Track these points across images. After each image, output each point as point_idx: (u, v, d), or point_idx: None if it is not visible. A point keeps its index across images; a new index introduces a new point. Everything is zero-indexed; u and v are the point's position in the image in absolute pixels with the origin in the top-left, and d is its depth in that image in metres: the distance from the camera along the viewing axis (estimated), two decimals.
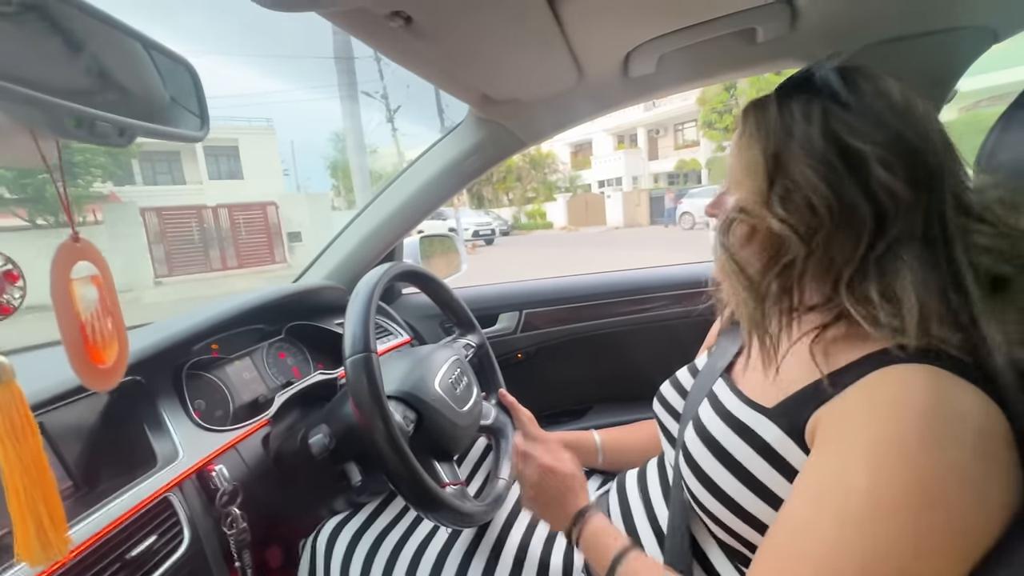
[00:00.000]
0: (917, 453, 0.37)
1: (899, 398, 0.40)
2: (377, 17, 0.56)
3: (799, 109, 0.48)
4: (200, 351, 0.82)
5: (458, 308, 0.98)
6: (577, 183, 25.90)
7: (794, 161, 0.47)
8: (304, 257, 2.39)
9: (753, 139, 0.51)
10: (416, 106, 17.60)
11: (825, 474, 0.42)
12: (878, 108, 0.47)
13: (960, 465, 0.37)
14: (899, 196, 0.44)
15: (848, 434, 0.41)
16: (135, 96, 0.49)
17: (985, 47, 0.80)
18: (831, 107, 0.47)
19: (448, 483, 0.70)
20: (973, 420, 0.38)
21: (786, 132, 0.48)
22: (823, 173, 0.46)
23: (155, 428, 0.66)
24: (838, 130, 0.46)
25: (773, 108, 0.51)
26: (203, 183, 18.98)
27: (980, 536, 0.37)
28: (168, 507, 0.60)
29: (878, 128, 0.46)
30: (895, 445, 0.38)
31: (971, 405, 0.39)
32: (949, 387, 0.39)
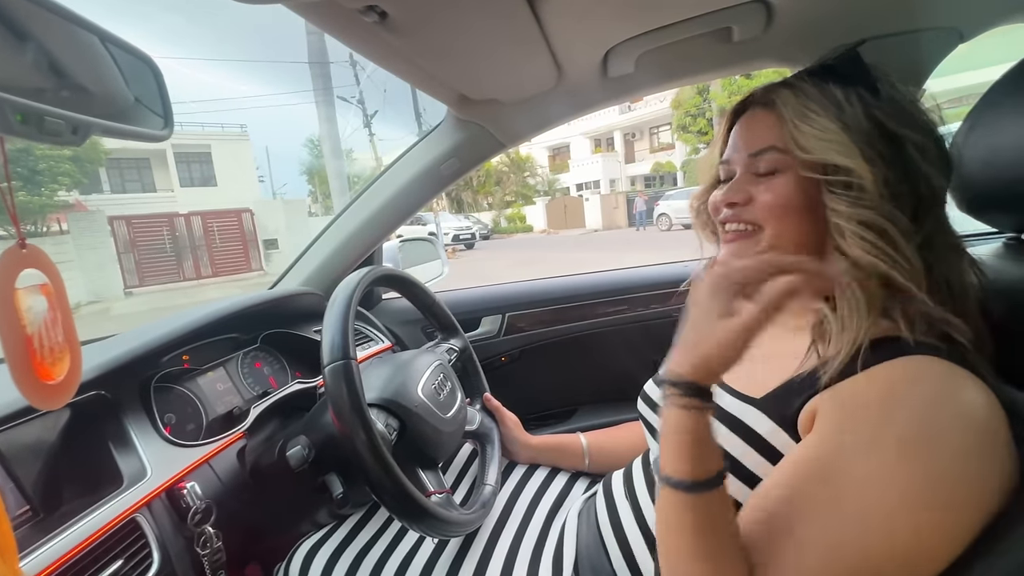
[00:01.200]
0: (928, 452, 0.38)
1: (906, 390, 0.40)
2: (350, 12, 0.54)
3: (839, 92, 0.49)
4: (170, 363, 0.78)
5: (440, 312, 0.97)
6: (556, 186, 26.05)
7: (857, 136, 0.47)
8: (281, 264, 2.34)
9: (810, 110, 0.49)
10: (393, 110, 17.52)
11: (826, 455, 0.41)
12: (904, 103, 0.49)
13: (964, 465, 0.38)
14: (934, 184, 0.47)
15: (862, 423, 0.41)
16: (94, 93, 0.47)
17: (952, 47, 0.82)
18: (865, 95, 0.49)
19: (433, 491, 0.68)
20: (977, 414, 0.39)
21: (838, 110, 0.48)
22: (883, 150, 0.47)
23: (120, 445, 0.63)
24: (880, 117, 0.48)
25: (812, 89, 0.50)
26: (175, 190, 18.49)
27: (976, 524, 0.37)
28: (136, 529, 0.57)
29: (911, 120, 0.48)
30: (907, 442, 0.39)
31: (971, 396, 0.40)
32: (957, 381, 0.40)
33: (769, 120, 0.53)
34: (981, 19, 0.79)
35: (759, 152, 0.53)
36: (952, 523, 0.37)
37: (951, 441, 0.38)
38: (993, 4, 0.78)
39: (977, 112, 0.56)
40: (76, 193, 15.01)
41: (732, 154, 0.57)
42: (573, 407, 1.37)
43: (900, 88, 0.50)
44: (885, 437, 0.39)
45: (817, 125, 0.48)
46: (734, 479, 0.48)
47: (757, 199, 0.53)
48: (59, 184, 12.64)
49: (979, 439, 0.38)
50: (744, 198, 0.54)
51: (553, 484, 0.84)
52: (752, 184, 0.54)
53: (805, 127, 0.49)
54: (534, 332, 1.33)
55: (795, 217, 0.51)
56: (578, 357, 1.35)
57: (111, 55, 0.47)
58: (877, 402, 0.41)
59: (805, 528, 0.40)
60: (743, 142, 0.55)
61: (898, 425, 0.39)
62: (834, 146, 0.47)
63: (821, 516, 0.40)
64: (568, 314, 1.34)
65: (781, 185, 0.51)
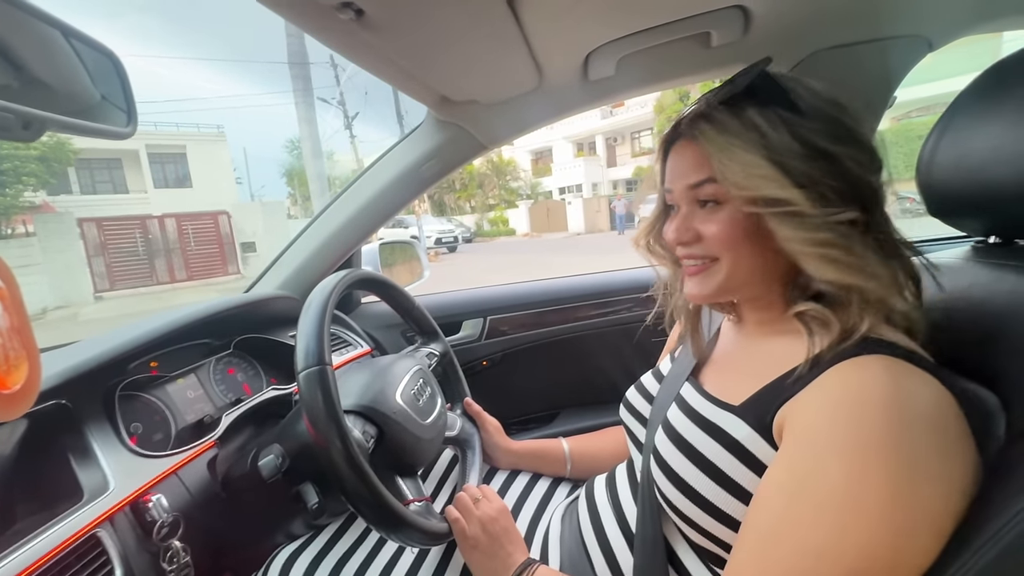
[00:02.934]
0: (883, 451, 0.38)
1: (861, 393, 0.41)
2: (325, 8, 0.53)
3: (759, 117, 0.48)
4: (137, 370, 0.75)
5: (420, 316, 0.95)
6: (538, 190, 26.13)
7: (788, 163, 0.46)
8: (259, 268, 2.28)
9: (733, 146, 0.48)
10: (375, 112, 17.36)
11: (798, 471, 0.42)
12: (827, 111, 0.48)
13: (923, 460, 0.38)
14: (873, 184, 0.47)
15: (817, 431, 0.42)
16: (56, 89, 0.44)
17: (921, 55, 0.85)
18: (785, 114, 0.48)
19: (411, 500, 0.67)
20: (928, 409, 0.39)
21: (761, 140, 0.47)
22: (818, 170, 0.46)
23: (81, 457, 0.60)
24: (805, 134, 0.47)
25: (732, 120, 0.49)
26: (148, 192, 18.00)
27: (945, 522, 0.38)
28: (97, 545, 0.54)
29: (836, 128, 0.47)
30: (862, 443, 0.39)
31: (925, 394, 0.40)
32: (905, 377, 0.41)
33: (698, 153, 0.51)
34: (949, 28, 0.82)
35: (697, 184, 0.52)
36: (923, 521, 0.37)
37: (909, 441, 0.38)
38: (960, 14, 0.80)
39: (947, 119, 0.57)
40: (43, 194, 14.51)
41: (673, 184, 0.55)
42: (555, 410, 1.37)
43: (822, 95, 0.49)
44: (845, 447, 0.39)
45: (741, 160, 0.47)
46: (716, 486, 0.48)
47: (705, 233, 0.52)
48: (24, 184, 12.22)
49: (936, 437, 0.39)
50: (692, 236, 0.53)
51: (535, 489, 0.83)
52: (698, 218, 0.53)
53: (731, 164, 0.48)
54: (515, 336, 1.33)
55: (747, 246, 0.51)
56: (560, 360, 1.35)
57: (75, 51, 0.45)
58: (833, 412, 0.41)
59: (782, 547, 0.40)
60: (680, 173, 0.54)
61: (856, 432, 0.39)
62: (762, 180, 0.46)
63: (795, 533, 0.40)
64: (550, 317, 1.34)
65: (725, 217, 0.51)
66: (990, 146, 0.52)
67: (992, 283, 0.51)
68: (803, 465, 0.41)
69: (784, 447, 0.44)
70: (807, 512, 0.39)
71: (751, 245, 0.50)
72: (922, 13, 0.79)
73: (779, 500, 0.42)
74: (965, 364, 0.48)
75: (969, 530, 0.37)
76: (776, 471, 0.44)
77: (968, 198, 0.56)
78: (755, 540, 0.43)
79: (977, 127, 0.54)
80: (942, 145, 0.57)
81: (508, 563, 0.63)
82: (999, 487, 0.39)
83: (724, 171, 0.48)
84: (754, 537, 0.43)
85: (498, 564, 0.63)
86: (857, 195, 0.47)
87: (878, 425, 0.39)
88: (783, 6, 0.73)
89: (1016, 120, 0.49)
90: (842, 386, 0.42)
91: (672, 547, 0.56)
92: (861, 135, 0.49)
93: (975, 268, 0.56)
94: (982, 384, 0.46)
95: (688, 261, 0.56)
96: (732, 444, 0.48)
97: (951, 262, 0.59)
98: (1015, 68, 0.52)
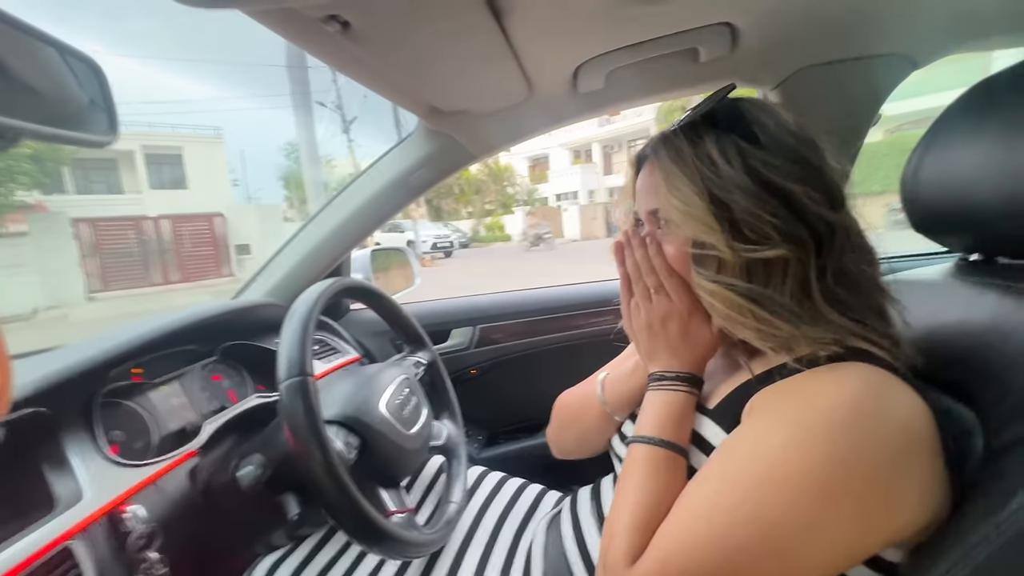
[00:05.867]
0: (836, 441, 0.39)
1: (834, 388, 0.41)
2: (311, 20, 0.53)
3: (714, 148, 0.48)
4: (118, 376, 0.74)
5: (407, 324, 0.95)
6: (535, 196, 26.22)
7: (733, 198, 0.46)
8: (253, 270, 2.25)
9: (679, 181, 0.49)
10: (373, 117, 17.38)
11: (744, 438, 0.44)
12: (787, 142, 0.48)
13: (873, 465, 0.38)
14: (830, 220, 0.46)
15: (778, 410, 0.43)
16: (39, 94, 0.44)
17: (906, 73, 0.86)
18: (743, 146, 0.47)
19: (393, 511, 0.66)
20: (900, 421, 0.40)
21: (712, 172, 0.47)
22: (765, 206, 0.46)
23: (55, 466, 0.59)
24: (760, 169, 0.46)
25: (687, 148, 0.49)
26: (143, 192, 17.90)
27: (877, 532, 0.39)
28: (68, 557, 0.53)
29: (794, 163, 0.47)
30: (818, 427, 0.40)
31: (900, 406, 0.40)
32: (883, 385, 0.41)
33: (655, 179, 0.52)
34: (933, 47, 0.83)
35: (651, 212, 0.54)
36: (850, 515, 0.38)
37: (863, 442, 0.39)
38: (944, 33, 0.82)
39: (931, 135, 0.58)
40: (37, 193, 14.42)
41: (638, 207, 0.57)
42: (544, 420, 1.36)
43: (789, 127, 0.49)
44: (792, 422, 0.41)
45: (682, 197, 0.48)
46: None
47: (665, 252, 0.53)
48: (18, 183, 12.12)
49: (893, 445, 0.39)
50: (655, 249, 0.54)
51: (521, 499, 0.83)
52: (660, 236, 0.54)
53: (673, 199, 0.49)
54: (505, 344, 1.32)
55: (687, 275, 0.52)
56: (549, 369, 1.35)
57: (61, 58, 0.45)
58: (793, 396, 0.43)
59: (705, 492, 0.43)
60: (643, 194, 0.55)
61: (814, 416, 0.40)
62: (694, 222, 0.48)
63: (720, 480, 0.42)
64: (540, 326, 1.34)
65: (674, 247, 0.52)
66: (974, 164, 0.52)
67: (973, 300, 0.52)
68: (751, 434, 0.43)
69: (744, 422, 0.45)
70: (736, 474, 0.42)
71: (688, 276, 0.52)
72: (906, 32, 0.80)
73: (718, 461, 0.44)
74: (944, 379, 0.48)
75: (947, 544, 0.38)
76: (727, 439, 0.46)
77: (951, 215, 0.57)
78: (686, 494, 0.44)
79: (961, 144, 0.54)
80: (926, 161, 0.58)
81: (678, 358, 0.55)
82: (975, 504, 0.39)
83: (666, 206, 0.50)
84: (687, 492, 0.45)
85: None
86: (809, 232, 0.46)
87: (837, 417, 0.39)
88: (770, 23, 0.74)
89: (999, 138, 0.50)
90: (818, 379, 0.43)
91: None
92: (824, 171, 0.48)
93: (957, 285, 0.56)
94: (960, 400, 0.46)
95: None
96: (707, 447, 0.49)
97: (934, 278, 0.59)
98: (999, 87, 0.53)
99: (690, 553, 0.41)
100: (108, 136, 0.45)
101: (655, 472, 0.49)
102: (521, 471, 0.93)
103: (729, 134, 0.48)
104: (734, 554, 0.39)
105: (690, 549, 0.41)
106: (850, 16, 0.75)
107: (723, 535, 0.40)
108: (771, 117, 0.49)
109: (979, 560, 0.35)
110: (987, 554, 0.35)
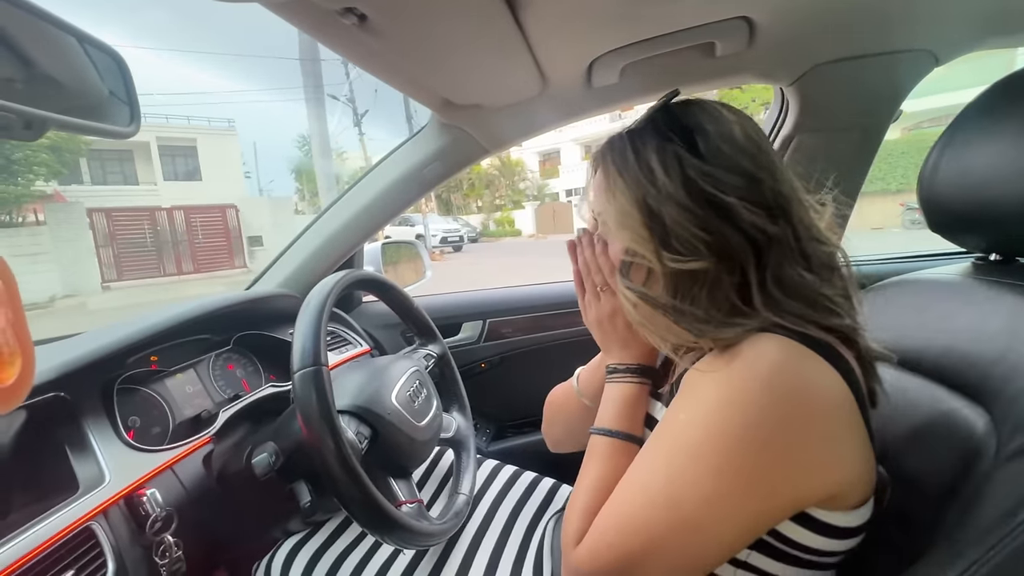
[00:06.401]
0: (728, 414, 0.40)
1: (737, 361, 0.42)
2: (328, 13, 0.53)
3: (655, 157, 0.48)
4: (136, 364, 0.76)
5: (418, 317, 0.95)
6: (545, 191, 26.13)
7: (665, 210, 0.47)
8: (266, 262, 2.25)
9: (618, 188, 0.50)
10: (385, 111, 17.40)
11: (664, 418, 0.46)
12: (727, 152, 0.47)
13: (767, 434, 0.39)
14: (768, 231, 0.46)
15: (699, 386, 0.44)
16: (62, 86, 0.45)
17: (928, 70, 0.84)
18: (683, 155, 0.47)
19: (404, 501, 0.67)
20: (815, 391, 0.40)
21: (649, 182, 0.48)
22: (695, 220, 0.46)
23: (78, 450, 0.60)
24: (697, 180, 0.46)
25: (630, 155, 0.50)
26: (157, 184, 18.15)
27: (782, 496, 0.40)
28: (91, 537, 0.55)
29: (733, 174, 0.46)
30: (711, 400, 0.42)
31: (816, 376, 0.41)
32: (798, 356, 0.42)
33: (600, 183, 0.53)
34: (956, 44, 0.81)
35: (597, 213, 0.56)
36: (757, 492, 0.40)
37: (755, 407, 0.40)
38: (967, 29, 0.80)
39: (949, 134, 0.57)
40: (55, 183, 14.66)
41: (593, 204, 0.58)
42: None
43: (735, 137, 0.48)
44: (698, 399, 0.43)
45: (618, 206, 0.50)
46: None
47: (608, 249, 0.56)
48: (36, 174, 12.32)
49: (805, 418, 0.40)
50: (601, 248, 0.57)
51: (537, 490, 0.84)
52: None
53: (611, 207, 0.51)
54: (515, 339, 1.33)
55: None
56: (558, 364, 1.34)
57: (84, 50, 0.46)
58: (714, 373, 0.43)
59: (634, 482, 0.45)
60: (594, 197, 0.56)
61: (711, 388, 0.42)
62: (628, 232, 0.49)
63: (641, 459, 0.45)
64: (549, 322, 1.34)
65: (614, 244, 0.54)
66: (992, 163, 0.51)
67: (991, 301, 0.51)
68: (673, 410, 0.45)
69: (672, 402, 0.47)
70: (655, 453, 0.44)
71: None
72: (928, 28, 0.78)
73: (648, 447, 0.46)
74: (958, 381, 0.48)
75: (960, 549, 0.37)
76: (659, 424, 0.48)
77: (969, 214, 0.56)
78: (620, 484, 0.46)
79: (979, 144, 0.54)
80: (944, 160, 0.57)
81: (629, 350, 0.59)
82: (989, 506, 0.39)
83: (606, 212, 0.52)
84: (620, 483, 0.46)
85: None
86: (748, 241, 0.45)
87: (752, 390, 0.40)
88: (788, 18, 0.73)
89: (1019, 138, 0.49)
90: (730, 353, 0.44)
91: None
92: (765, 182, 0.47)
93: (974, 285, 0.56)
94: (974, 401, 0.46)
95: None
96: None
97: (950, 278, 0.59)
98: (1019, 85, 0.52)
99: (618, 529, 0.43)
100: (130, 127, 0.46)
101: (609, 460, 0.52)
102: (528, 465, 0.93)
103: (670, 143, 0.48)
104: (653, 527, 0.41)
105: (619, 526, 0.44)
106: (871, 11, 0.73)
107: (643, 511, 0.42)
108: (716, 124, 0.48)
109: (996, 561, 0.35)
110: (1004, 556, 0.35)
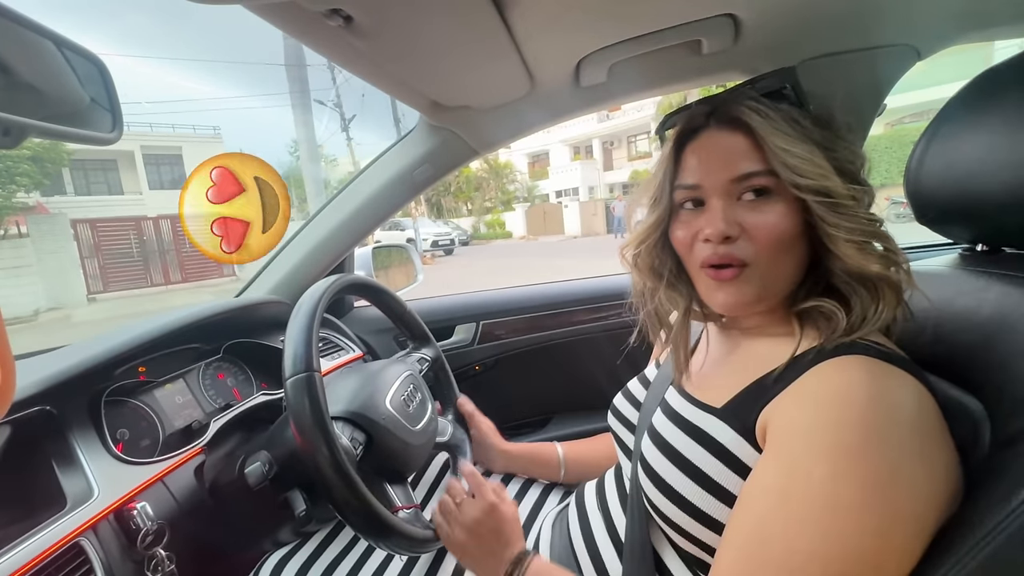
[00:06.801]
0: (863, 453, 0.38)
1: (841, 394, 0.41)
2: (314, 15, 0.52)
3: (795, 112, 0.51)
4: (124, 375, 0.75)
5: (411, 321, 0.95)
6: (535, 193, 26.19)
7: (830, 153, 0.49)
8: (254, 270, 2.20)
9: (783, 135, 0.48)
10: (372, 115, 17.37)
11: (781, 473, 0.42)
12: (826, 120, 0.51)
13: (903, 462, 0.38)
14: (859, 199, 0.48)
15: (799, 433, 0.42)
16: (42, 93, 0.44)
17: (910, 64, 0.85)
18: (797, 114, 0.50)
19: (400, 507, 0.66)
20: (909, 411, 0.40)
21: (804, 131, 0.49)
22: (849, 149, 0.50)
23: (65, 464, 0.59)
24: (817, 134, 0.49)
25: (773, 111, 0.50)
26: (143, 193, 17.90)
27: (926, 523, 0.38)
28: (80, 553, 0.53)
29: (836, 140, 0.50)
30: (843, 445, 0.39)
31: (905, 395, 0.40)
32: (885, 377, 0.41)
33: (742, 143, 0.50)
34: (937, 38, 0.82)
35: (744, 176, 0.49)
36: (902, 523, 0.38)
37: (889, 444, 0.38)
38: (948, 24, 0.81)
39: (934, 127, 0.58)
40: (37, 195, 14.41)
41: (703, 179, 0.51)
42: (548, 415, 1.36)
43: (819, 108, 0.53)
44: (827, 449, 0.39)
45: (802, 149, 0.47)
46: (703, 491, 0.48)
47: (753, 231, 0.49)
48: (17, 185, 12.11)
49: (916, 439, 0.39)
50: (738, 231, 0.49)
51: (528, 495, 0.83)
52: (738, 213, 0.50)
53: (793, 152, 0.47)
54: (509, 340, 1.32)
55: (788, 246, 0.49)
56: (553, 365, 1.35)
57: (64, 57, 0.45)
58: (814, 414, 0.41)
59: (770, 549, 0.40)
60: (717, 166, 0.50)
61: (837, 434, 0.40)
62: (821, 169, 0.47)
63: (781, 537, 0.40)
64: (543, 322, 1.33)
65: (778, 212, 0.48)
66: (977, 154, 0.52)
67: (979, 291, 0.51)
68: (786, 468, 0.41)
69: (768, 449, 0.44)
70: (792, 515, 0.39)
71: (791, 246, 0.49)
72: (910, 23, 0.79)
73: (763, 503, 0.42)
74: (951, 371, 0.48)
75: (955, 535, 0.38)
76: (760, 473, 0.44)
77: (955, 206, 0.56)
78: (740, 544, 0.42)
79: (965, 135, 0.54)
80: (930, 153, 0.57)
81: (500, 561, 0.61)
82: (984, 493, 0.39)
83: (785, 158, 0.47)
84: (739, 541, 0.43)
85: (491, 565, 0.62)
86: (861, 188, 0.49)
87: (859, 427, 0.39)
88: (773, 15, 0.74)
89: (1003, 129, 0.49)
90: (823, 387, 0.42)
91: (659, 554, 0.56)
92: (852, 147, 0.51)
93: (962, 276, 0.56)
94: (968, 391, 0.46)
95: (718, 266, 0.51)
96: (717, 448, 0.48)
97: (939, 269, 0.59)
98: (1002, 77, 0.52)
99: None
100: (112, 134, 0.45)
101: None
102: None
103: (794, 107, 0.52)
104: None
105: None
106: (854, 7, 0.74)
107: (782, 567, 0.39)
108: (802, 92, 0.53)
109: (989, 549, 0.35)
110: (997, 544, 0.35)
